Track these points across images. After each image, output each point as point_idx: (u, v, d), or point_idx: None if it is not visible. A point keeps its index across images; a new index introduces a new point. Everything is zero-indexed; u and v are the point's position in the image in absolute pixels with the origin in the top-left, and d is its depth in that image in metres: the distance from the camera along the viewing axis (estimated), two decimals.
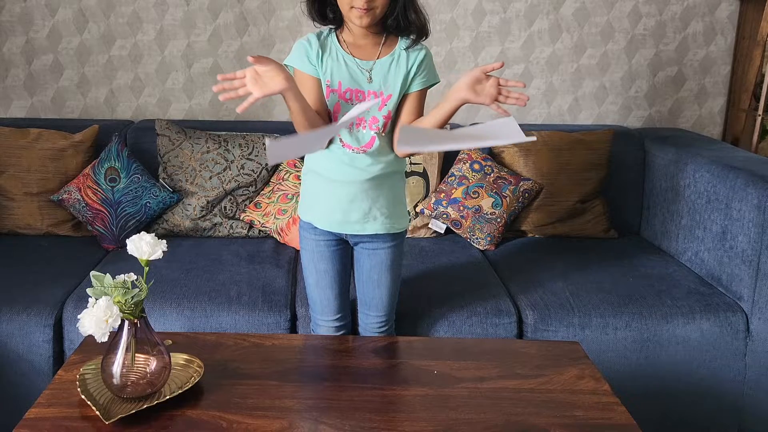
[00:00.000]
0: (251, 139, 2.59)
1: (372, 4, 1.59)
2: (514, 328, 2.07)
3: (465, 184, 2.55)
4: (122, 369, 1.29)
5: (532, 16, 2.86)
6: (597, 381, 1.45)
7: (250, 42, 2.84)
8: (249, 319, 2.03)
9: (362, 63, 1.70)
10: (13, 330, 2.00)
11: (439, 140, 1.57)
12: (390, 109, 1.71)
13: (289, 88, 1.52)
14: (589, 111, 2.97)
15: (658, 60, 2.92)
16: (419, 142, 1.56)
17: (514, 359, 1.53)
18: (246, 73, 1.48)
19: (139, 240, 1.28)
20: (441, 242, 2.56)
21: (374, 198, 1.75)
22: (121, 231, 2.45)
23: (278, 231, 2.49)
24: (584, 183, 2.63)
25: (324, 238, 1.82)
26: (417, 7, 1.68)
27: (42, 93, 2.87)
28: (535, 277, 2.27)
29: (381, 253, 1.82)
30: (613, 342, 2.06)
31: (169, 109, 2.91)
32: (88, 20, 2.81)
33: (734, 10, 2.89)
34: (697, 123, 3.01)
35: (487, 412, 1.33)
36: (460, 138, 1.55)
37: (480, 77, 1.58)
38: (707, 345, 2.08)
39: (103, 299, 1.25)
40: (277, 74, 1.50)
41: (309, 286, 1.88)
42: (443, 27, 2.85)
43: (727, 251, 2.20)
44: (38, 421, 1.27)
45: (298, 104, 1.57)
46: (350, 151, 1.72)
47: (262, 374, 1.44)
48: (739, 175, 2.19)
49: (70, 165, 2.54)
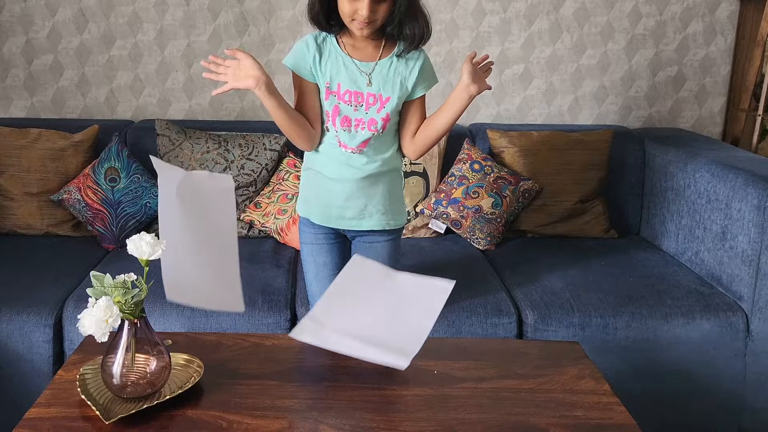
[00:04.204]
0: (251, 139, 2.59)
1: (373, 17, 1.61)
2: (514, 328, 2.07)
3: (465, 184, 2.55)
4: (122, 369, 1.29)
5: (532, 16, 2.86)
6: (597, 381, 1.45)
7: (250, 42, 2.84)
8: (249, 319, 2.03)
9: (362, 65, 1.71)
10: (13, 330, 2.00)
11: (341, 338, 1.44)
12: (388, 111, 1.72)
13: (256, 87, 1.62)
14: (589, 111, 2.97)
15: (658, 60, 2.92)
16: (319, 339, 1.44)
17: (514, 359, 1.53)
18: (231, 63, 1.62)
19: (139, 240, 1.27)
20: (441, 242, 2.56)
21: (370, 195, 1.79)
22: (121, 231, 2.45)
23: (278, 231, 2.49)
24: (584, 183, 2.63)
25: (322, 231, 1.86)
26: (418, 14, 1.67)
27: (42, 93, 2.87)
28: (535, 278, 2.27)
29: (378, 246, 1.85)
30: (613, 342, 2.06)
31: (169, 109, 2.91)
32: (88, 20, 2.81)
33: (734, 10, 2.89)
34: (697, 123, 3.00)
35: (487, 412, 1.33)
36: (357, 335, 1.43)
37: (473, 68, 1.69)
38: (707, 345, 2.08)
39: (103, 299, 1.25)
40: (250, 73, 1.61)
41: (308, 281, 1.91)
42: (443, 27, 2.85)
43: (727, 251, 2.20)
44: (38, 421, 1.26)
45: (269, 103, 1.66)
46: (346, 151, 1.75)
47: (262, 374, 1.44)
48: (739, 175, 2.19)
49: (70, 165, 2.54)
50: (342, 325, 1.42)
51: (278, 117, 1.70)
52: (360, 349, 1.36)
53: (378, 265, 1.53)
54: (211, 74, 1.64)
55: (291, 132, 1.73)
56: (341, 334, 1.41)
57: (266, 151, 2.57)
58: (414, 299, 1.48)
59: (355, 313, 1.46)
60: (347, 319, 1.44)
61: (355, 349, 1.36)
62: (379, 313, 1.46)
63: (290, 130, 1.73)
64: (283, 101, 1.68)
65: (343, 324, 1.43)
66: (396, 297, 1.49)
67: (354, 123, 1.73)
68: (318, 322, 1.44)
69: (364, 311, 1.46)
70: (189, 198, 1.31)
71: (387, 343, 1.36)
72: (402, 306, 1.47)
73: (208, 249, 1.37)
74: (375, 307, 1.47)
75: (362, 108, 1.72)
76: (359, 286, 1.52)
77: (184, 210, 1.31)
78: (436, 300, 1.43)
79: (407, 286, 1.51)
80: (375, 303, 1.48)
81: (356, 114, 1.72)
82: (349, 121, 1.73)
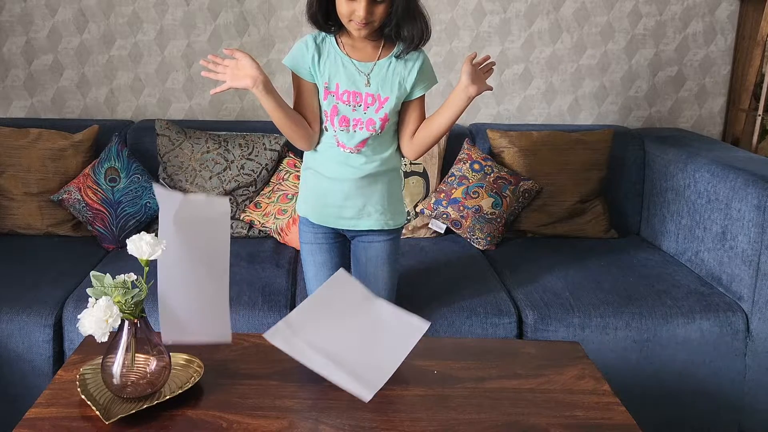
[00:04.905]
0: (251, 139, 2.59)
1: (370, 18, 1.61)
2: (514, 328, 2.07)
3: (465, 184, 2.55)
4: (122, 369, 1.29)
5: (532, 16, 2.86)
6: (597, 381, 1.45)
7: (250, 42, 2.84)
8: (249, 319, 2.03)
9: (360, 65, 1.71)
10: (13, 330, 2.00)
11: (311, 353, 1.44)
12: (387, 111, 1.72)
13: (254, 87, 1.63)
14: (589, 111, 2.97)
15: (658, 60, 2.92)
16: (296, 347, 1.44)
17: (514, 359, 1.53)
18: (229, 62, 1.63)
19: (139, 240, 1.27)
20: (441, 242, 2.56)
21: (368, 195, 1.79)
22: (121, 231, 2.45)
23: (278, 231, 2.49)
24: (584, 183, 2.63)
25: (322, 231, 1.86)
26: (416, 16, 1.67)
27: (42, 93, 2.87)
28: (535, 278, 2.27)
29: (377, 246, 1.85)
30: (613, 342, 2.06)
31: (169, 109, 2.91)
32: (88, 20, 2.81)
33: (734, 10, 2.89)
34: (697, 123, 3.00)
35: (487, 412, 1.33)
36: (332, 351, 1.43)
37: (473, 69, 1.68)
38: (707, 345, 2.08)
39: (103, 299, 1.25)
40: (248, 72, 1.62)
41: (308, 280, 1.92)
42: (443, 27, 2.85)
43: (727, 251, 2.20)
44: (38, 421, 1.26)
45: (267, 102, 1.66)
46: (344, 151, 1.75)
47: (262, 374, 1.44)
48: (739, 175, 2.19)
49: (70, 165, 2.54)
50: (315, 339, 1.42)
51: (276, 116, 1.70)
52: (328, 368, 1.35)
53: (360, 287, 1.52)
54: (209, 73, 1.65)
55: (289, 132, 1.74)
56: (313, 347, 1.40)
57: (266, 151, 2.57)
58: (389, 331, 1.46)
59: (330, 329, 1.45)
60: (321, 333, 1.44)
61: (323, 367, 1.36)
62: (353, 337, 1.45)
63: (288, 130, 1.73)
64: (280, 101, 1.69)
65: (315, 338, 1.43)
66: (372, 324, 1.48)
67: (352, 123, 1.73)
68: (292, 329, 1.44)
69: (339, 330, 1.46)
70: (185, 225, 1.32)
71: (355, 370, 1.35)
72: (376, 335, 1.47)
73: (201, 278, 1.38)
74: (349, 329, 1.47)
75: (360, 108, 1.72)
76: (338, 302, 1.51)
77: (181, 238, 1.32)
78: (409, 337, 1.42)
79: (385, 316, 1.50)
80: (350, 324, 1.47)
81: (354, 114, 1.72)
82: (347, 121, 1.73)
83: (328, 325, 1.46)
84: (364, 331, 1.46)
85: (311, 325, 1.45)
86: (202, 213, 1.34)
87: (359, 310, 1.50)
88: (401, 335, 1.43)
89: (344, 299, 1.51)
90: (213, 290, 1.38)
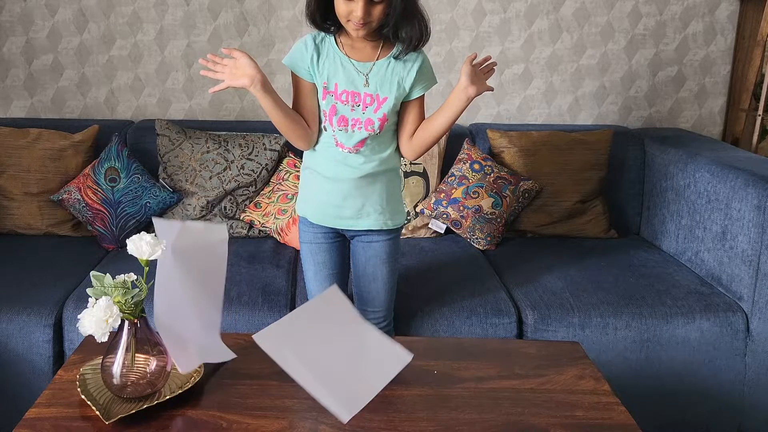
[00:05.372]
0: (251, 139, 2.59)
1: (368, 18, 1.61)
2: (514, 328, 2.07)
3: (465, 184, 2.55)
4: (122, 369, 1.29)
5: (532, 16, 2.86)
6: (597, 381, 1.45)
7: (250, 42, 2.84)
8: (249, 319, 2.03)
9: (359, 65, 1.71)
10: (13, 330, 2.00)
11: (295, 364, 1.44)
12: (385, 111, 1.72)
13: (252, 86, 1.63)
14: (589, 111, 2.97)
15: (658, 60, 2.92)
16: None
17: (514, 359, 1.53)
18: (228, 61, 1.64)
19: (139, 240, 1.27)
20: (441, 242, 2.56)
21: (367, 195, 1.79)
22: (121, 231, 2.45)
23: (278, 231, 2.49)
24: (584, 183, 2.63)
25: (321, 231, 1.86)
26: (415, 17, 1.67)
27: (42, 93, 2.87)
28: (535, 277, 2.27)
29: (376, 245, 1.85)
30: (613, 342, 2.06)
31: (169, 109, 2.91)
32: (88, 20, 2.81)
33: (734, 10, 2.89)
34: (697, 123, 3.00)
35: (487, 412, 1.33)
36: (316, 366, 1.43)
37: (473, 70, 1.67)
38: (707, 345, 2.08)
39: (103, 299, 1.25)
40: (246, 71, 1.62)
41: (308, 280, 1.92)
42: (443, 27, 2.85)
43: (727, 251, 2.20)
44: (38, 421, 1.26)
45: (265, 101, 1.67)
46: (343, 150, 1.75)
47: (262, 374, 1.44)
48: (739, 175, 2.19)
49: (70, 165, 2.54)
50: (302, 350, 1.42)
51: (274, 116, 1.70)
52: (311, 383, 1.35)
53: (352, 309, 1.52)
54: (208, 72, 1.66)
55: (287, 131, 1.74)
56: (299, 358, 1.40)
57: (266, 151, 2.57)
58: (373, 357, 1.46)
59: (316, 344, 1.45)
60: (308, 345, 1.44)
61: (307, 381, 1.36)
62: (338, 356, 1.45)
63: (286, 129, 1.73)
64: (279, 100, 1.69)
65: (303, 349, 1.43)
66: (358, 347, 1.48)
67: (351, 123, 1.73)
68: (282, 335, 1.44)
69: (325, 346, 1.46)
70: (183, 254, 1.33)
71: (337, 389, 1.36)
72: (361, 358, 1.47)
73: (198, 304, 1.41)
74: (336, 348, 1.46)
75: (359, 108, 1.72)
76: (328, 320, 1.51)
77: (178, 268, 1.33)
78: (392, 366, 1.42)
79: (371, 341, 1.49)
80: (337, 344, 1.47)
81: (353, 114, 1.72)
82: (346, 120, 1.73)
83: (315, 340, 1.46)
84: (349, 353, 1.47)
85: (299, 335, 1.45)
86: (200, 241, 1.37)
87: (347, 331, 1.50)
88: (386, 363, 1.43)
89: (334, 318, 1.51)
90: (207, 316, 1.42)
